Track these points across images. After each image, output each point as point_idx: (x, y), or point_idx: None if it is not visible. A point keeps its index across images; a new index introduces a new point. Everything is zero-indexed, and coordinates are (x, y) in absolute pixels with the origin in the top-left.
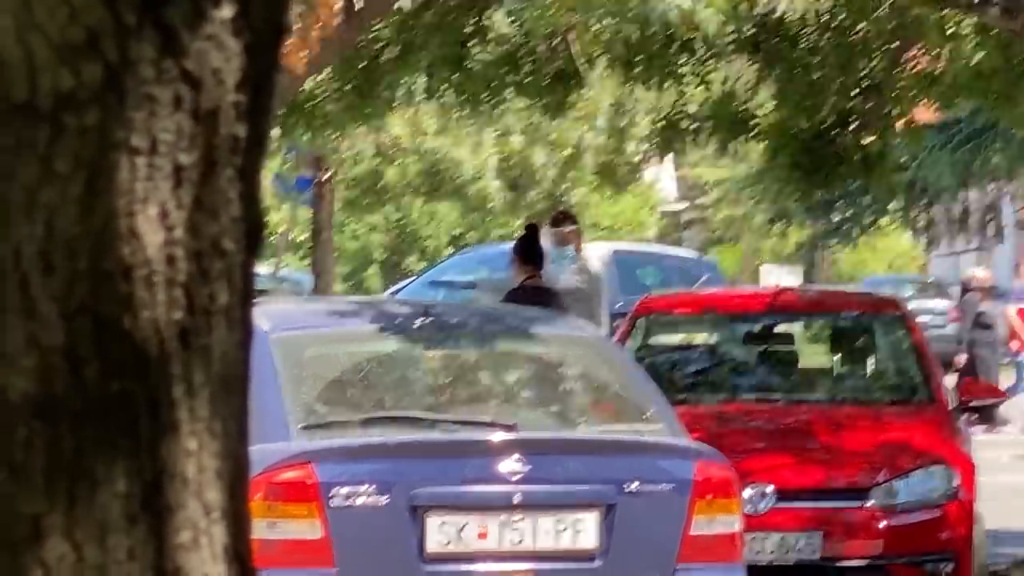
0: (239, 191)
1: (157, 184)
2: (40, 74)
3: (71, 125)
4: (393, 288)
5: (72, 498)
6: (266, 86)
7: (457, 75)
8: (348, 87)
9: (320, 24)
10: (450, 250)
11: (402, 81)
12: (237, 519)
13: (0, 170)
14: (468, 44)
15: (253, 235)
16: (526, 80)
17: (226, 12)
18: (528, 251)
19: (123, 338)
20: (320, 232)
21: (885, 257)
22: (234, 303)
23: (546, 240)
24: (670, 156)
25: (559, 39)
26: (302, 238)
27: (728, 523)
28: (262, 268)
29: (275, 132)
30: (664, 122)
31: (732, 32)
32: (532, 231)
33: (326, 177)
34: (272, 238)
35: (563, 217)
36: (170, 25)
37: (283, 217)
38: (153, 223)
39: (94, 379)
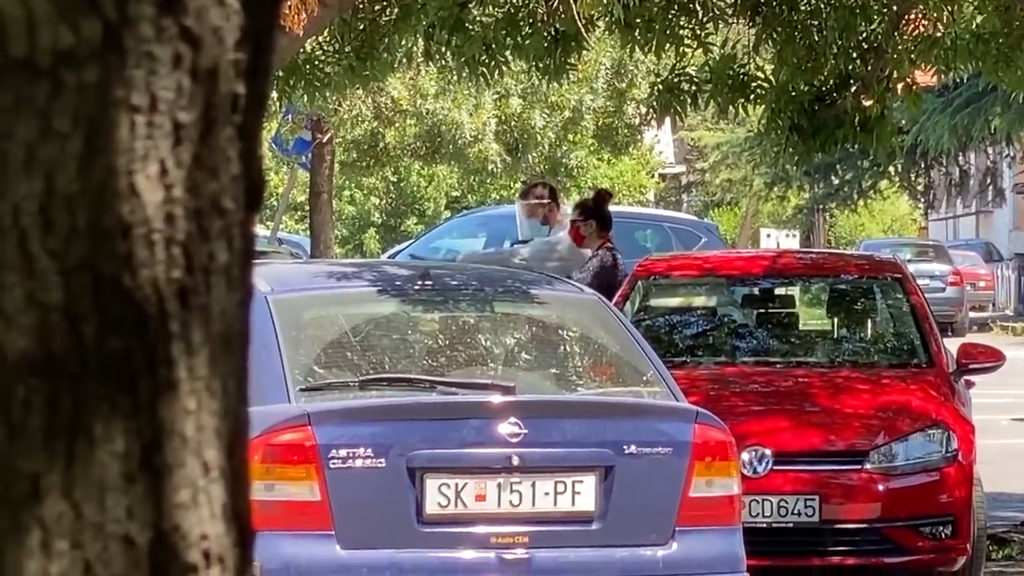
0: (239, 150)
1: (156, 142)
2: (39, 31)
3: (70, 82)
4: (391, 252)
5: (71, 457)
6: (266, 44)
7: (456, 37)
8: (347, 49)
9: None
10: (448, 213)
11: (401, 44)
12: (236, 478)
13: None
14: (467, 5)
15: (253, 194)
16: (526, 42)
17: None
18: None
19: (122, 296)
20: (319, 194)
21: (883, 220)
22: (233, 262)
23: (518, 212)
24: (669, 119)
25: (558, 2)
26: (300, 199)
27: (726, 486)
28: (261, 230)
29: (273, 94)
30: (662, 85)
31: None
32: (605, 196)
33: (325, 139)
34: (272, 200)
35: (532, 190)
36: None
37: (282, 179)
38: (152, 181)
39: (93, 337)
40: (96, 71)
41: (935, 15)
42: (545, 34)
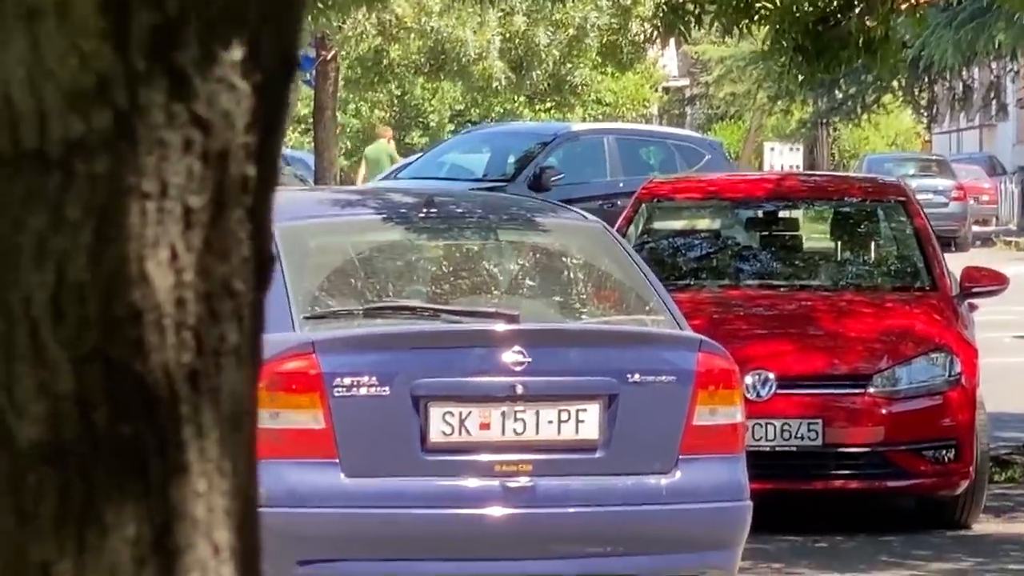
0: (249, 231)
1: (167, 227)
2: (50, 121)
3: (82, 172)
4: (397, 165)
5: (82, 544)
6: (276, 125)
7: None
8: None
9: None
10: (452, 126)
11: None
12: (246, 558)
13: (11, 219)
14: None
15: (263, 272)
16: None
17: (236, 53)
18: None
19: (133, 381)
20: (323, 111)
21: (888, 134)
22: (244, 342)
23: None
24: (673, 39)
25: None
26: (304, 112)
27: (730, 414)
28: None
29: None
30: (667, 6)
31: None
32: None
33: (329, 56)
34: None
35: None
36: (180, 69)
37: None
38: (163, 266)
39: (104, 423)
40: (107, 160)
41: None
42: None
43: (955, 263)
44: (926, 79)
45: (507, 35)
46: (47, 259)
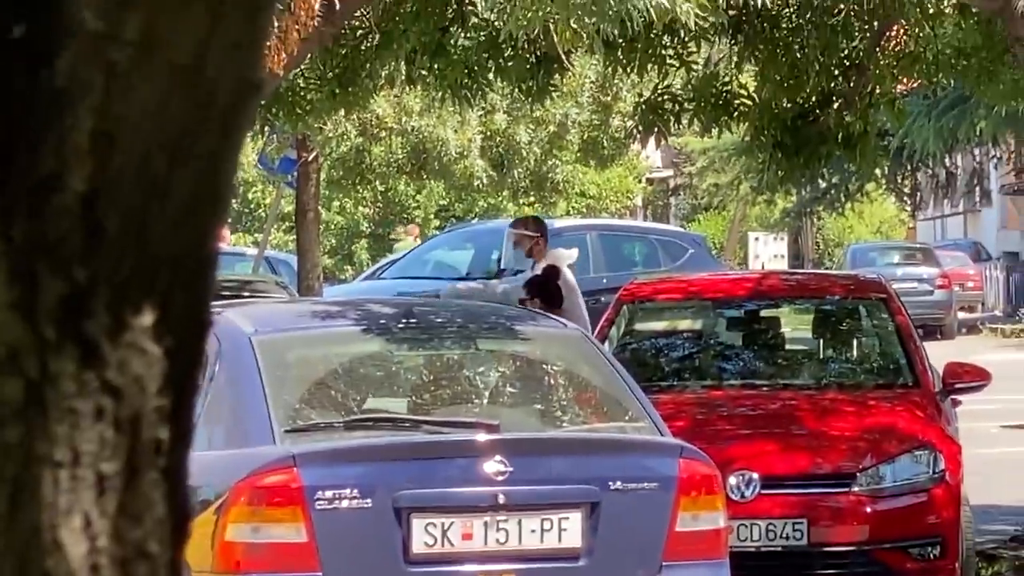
0: (163, 492)
1: (80, 495)
2: None
3: None
4: (382, 263)
5: None
6: (190, 385)
7: (438, 61)
8: (329, 75)
9: (298, 26)
10: (437, 222)
11: (383, 69)
12: None
13: None
14: (449, 29)
15: (180, 532)
16: (508, 64)
17: (147, 319)
18: (552, 296)
19: None
20: (305, 213)
21: (872, 222)
22: None
23: (507, 238)
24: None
25: (538, 30)
26: (288, 209)
27: (712, 519)
28: (249, 250)
29: (257, 121)
30: (645, 105)
31: (712, 20)
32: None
33: (311, 158)
34: (260, 211)
35: (525, 221)
36: (90, 337)
37: (270, 191)
38: (76, 534)
39: None
40: (18, 430)
41: (916, 31)
42: (527, 56)
43: (941, 351)
44: (909, 167)
45: (488, 133)
46: None
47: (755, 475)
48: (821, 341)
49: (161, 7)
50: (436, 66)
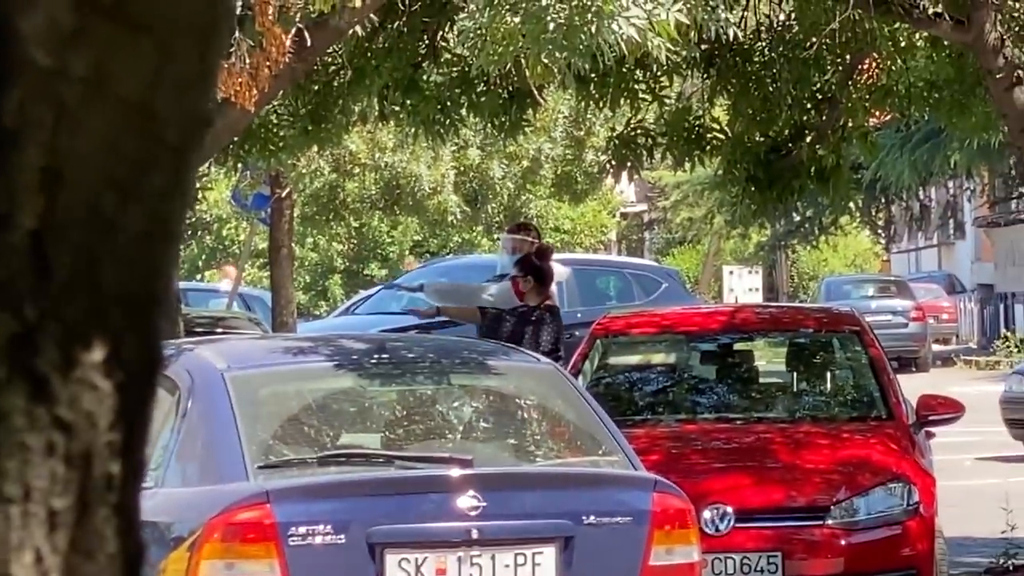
0: (115, 527)
1: (31, 531)
2: None
3: None
4: (356, 299)
5: None
6: (140, 421)
7: (410, 97)
8: (302, 112)
9: (270, 62)
10: (411, 258)
11: (356, 105)
12: None
13: None
14: (421, 65)
15: (132, 567)
16: (481, 99)
17: (98, 355)
18: (545, 275)
19: None
20: (278, 249)
21: (846, 255)
22: None
23: (503, 246)
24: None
25: (509, 66)
26: (263, 246)
27: (686, 554)
28: (223, 285)
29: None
30: (618, 140)
31: (684, 54)
32: (545, 253)
33: (284, 194)
34: (235, 247)
35: (523, 227)
36: (41, 374)
37: (243, 227)
38: (28, 570)
39: None
40: None
41: (888, 64)
42: (500, 92)
43: (916, 384)
44: (883, 200)
45: (461, 169)
46: None
47: (729, 508)
48: (795, 374)
49: (111, 44)
50: (409, 102)
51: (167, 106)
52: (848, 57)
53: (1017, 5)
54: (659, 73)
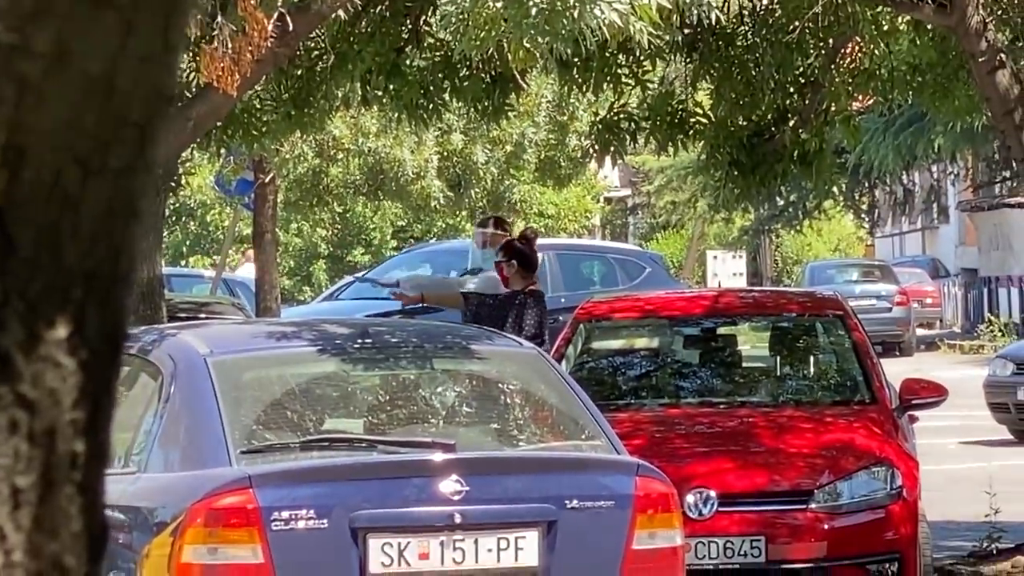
0: (80, 505)
1: None
2: None
3: None
4: (341, 283)
5: None
6: (105, 399)
7: (393, 82)
8: (285, 97)
9: (252, 47)
10: (394, 243)
11: (338, 90)
12: None
13: None
14: (404, 50)
15: (96, 546)
16: (463, 84)
17: (61, 332)
18: (530, 260)
19: None
20: (262, 234)
21: (830, 239)
22: None
23: (474, 240)
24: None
25: (491, 50)
26: (247, 232)
27: (669, 537)
28: (207, 272)
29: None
30: (601, 125)
31: (667, 39)
32: (529, 237)
33: (267, 180)
34: (218, 232)
35: (493, 221)
36: (3, 351)
37: (227, 213)
38: None
39: None
40: None
41: (871, 48)
42: (483, 76)
43: (900, 368)
44: (867, 184)
45: (444, 153)
46: None
47: (712, 492)
48: (778, 358)
49: (72, 19)
50: (392, 87)
51: (129, 82)
52: (831, 41)
53: None
54: (642, 57)
